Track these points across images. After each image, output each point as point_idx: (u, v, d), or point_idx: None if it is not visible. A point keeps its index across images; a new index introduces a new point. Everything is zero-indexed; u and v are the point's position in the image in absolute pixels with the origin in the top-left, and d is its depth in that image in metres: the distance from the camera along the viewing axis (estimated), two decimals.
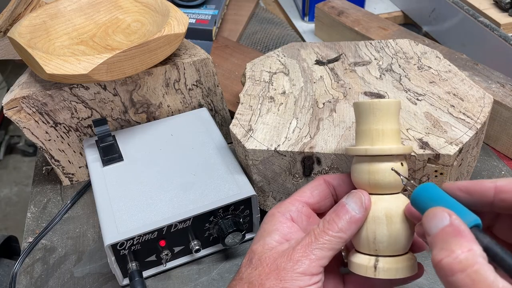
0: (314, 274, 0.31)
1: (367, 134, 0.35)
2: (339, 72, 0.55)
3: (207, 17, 0.81)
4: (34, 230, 0.55)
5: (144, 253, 0.46)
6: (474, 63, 0.63)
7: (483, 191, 0.29)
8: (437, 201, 0.29)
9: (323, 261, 0.32)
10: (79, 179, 0.60)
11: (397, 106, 0.35)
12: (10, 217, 1.70)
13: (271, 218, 0.36)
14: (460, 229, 0.26)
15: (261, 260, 0.33)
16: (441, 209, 0.27)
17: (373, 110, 0.35)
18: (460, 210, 0.28)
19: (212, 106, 0.61)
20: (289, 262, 0.32)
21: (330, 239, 0.32)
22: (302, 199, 0.37)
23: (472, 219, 0.27)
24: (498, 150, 0.60)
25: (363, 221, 0.33)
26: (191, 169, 0.50)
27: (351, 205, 0.33)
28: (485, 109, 0.46)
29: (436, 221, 0.27)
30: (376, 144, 0.34)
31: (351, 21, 0.77)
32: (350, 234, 0.33)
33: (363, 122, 0.36)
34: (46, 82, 0.52)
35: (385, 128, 0.35)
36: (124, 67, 0.49)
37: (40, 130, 0.53)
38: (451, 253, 0.25)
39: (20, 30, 0.52)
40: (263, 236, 0.35)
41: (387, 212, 0.33)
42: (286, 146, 0.44)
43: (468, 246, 0.25)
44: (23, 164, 1.92)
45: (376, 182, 0.34)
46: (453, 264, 0.24)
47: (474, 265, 0.24)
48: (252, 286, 0.32)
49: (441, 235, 0.26)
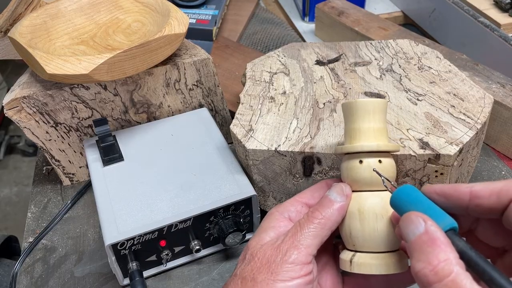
0: (304, 263, 0.32)
1: (347, 133, 0.37)
2: (339, 72, 0.55)
3: (207, 17, 0.81)
4: (35, 230, 0.55)
5: (145, 253, 0.46)
6: (474, 63, 0.63)
7: (459, 196, 0.29)
8: (415, 204, 0.29)
9: (310, 249, 0.32)
10: (79, 179, 0.60)
11: (375, 105, 0.36)
12: (10, 217, 1.70)
13: (269, 216, 0.36)
14: (435, 237, 0.26)
15: (253, 255, 0.33)
16: (416, 215, 0.28)
17: (350, 109, 0.36)
18: (437, 213, 0.28)
19: (213, 106, 0.61)
20: (279, 254, 0.32)
21: (315, 226, 0.33)
22: (302, 200, 0.37)
23: (448, 222, 0.28)
24: (498, 150, 0.60)
25: (345, 209, 0.34)
26: (191, 169, 0.50)
27: (333, 195, 0.34)
28: (485, 109, 0.46)
29: (412, 228, 0.27)
30: (353, 142, 0.36)
31: (351, 21, 0.77)
32: (334, 220, 0.34)
33: (345, 122, 0.37)
34: (47, 82, 0.52)
35: (362, 127, 0.35)
36: (125, 67, 0.49)
37: (40, 130, 0.53)
38: (428, 265, 0.25)
39: (20, 30, 0.52)
40: (259, 232, 0.35)
41: (360, 208, 0.34)
42: (287, 146, 0.44)
43: (445, 256, 0.25)
44: (23, 164, 1.92)
45: (352, 179, 0.35)
46: (430, 276, 0.25)
47: (450, 274, 0.24)
48: (245, 281, 0.32)
49: (418, 243, 0.27)
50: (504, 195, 0.27)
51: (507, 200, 0.27)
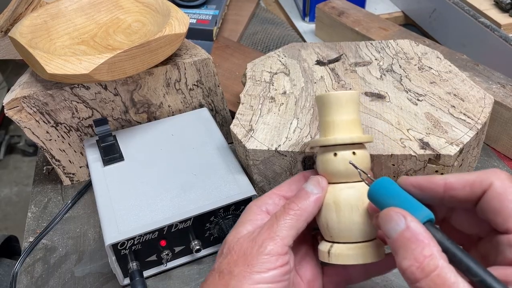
0: (280, 254, 0.32)
1: (321, 126, 0.37)
2: (339, 73, 0.55)
3: (207, 17, 0.81)
4: (35, 229, 0.55)
5: (145, 253, 0.46)
6: (474, 63, 0.63)
7: (434, 188, 0.30)
8: (393, 197, 0.30)
9: (286, 240, 0.33)
10: (79, 179, 0.60)
11: (348, 97, 0.36)
12: (10, 217, 1.71)
13: (247, 210, 0.37)
14: (417, 233, 0.27)
15: (230, 248, 0.34)
16: (395, 211, 0.28)
17: (324, 102, 0.36)
18: (414, 206, 0.29)
19: (213, 106, 0.61)
20: (255, 246, 0.32)
21: (291, 218, 0.33)
22: (280, 193, 0.38)
23: (425, 214, 0.28)
24: (499, 150, 0.60)
25: (321, 201, 0.35)
26: (191, 169, 0.50)
27: (310, 187, 0.35)
28: (486, 110, 0.46)
29: (393, 224, 0.28)
30: (327, 135, 0.36)
31: (352, 22, 0.77)
32: (310, 212, 0.34)
33: (319, 115, 0.38)
34: (47, 82, 0.52)
35: (335, 119, 0.36)
36: (125, 67, 0.49)
37: (41, 130, 0.53)
38: (415, 262, 0.26)
39: (21, 30, 0.52)
40: (237, 226, 0.36)
41: (335, 199, 0.34)
42: (287, 146, 0.44)
43: (429, 251, 0.26)
44: (23, 164, 1.92)
45: (327, 171, 0.35)
46: (417, 272, 0.26)
47: (436, 269, 0.25)
48: (222, 275, 0.32)
49: (401, 241, 0.27)
50: (477, 186, 0.28)
51: (480, 191, 0.28)
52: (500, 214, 0.27)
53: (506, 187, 0.27)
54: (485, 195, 0.28)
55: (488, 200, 0.27)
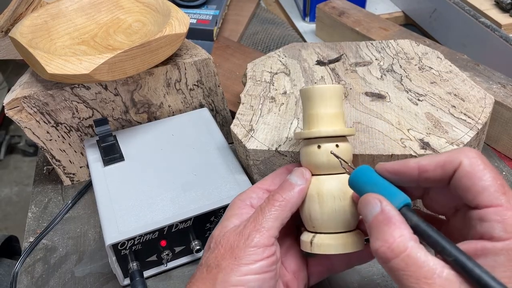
0: (266, 245, 0.33)
1: (305, 118, 0.38)
2: (340, 73, 0.55)
3: (208, 17, 0.81)
4: (35, 230, 0.55)
5: (145, 253, 0.46)
6: (475, 63, 0.63)
7: (408, 172, 0.30)
8: (371, 184, 0.31)
9: (272, 231, 0.34)
10: (80, 179, 0.60)
11: (332, 91, 0.37)
12: (11, 217, 1.71)
13: (232, 205, 0.37)
14: (390, 216, 0.28)
15: (217, 243, 0.34)
16: (372, 196, 0.30)
17: (308, 96, 0.37)
18: (391, 191, 0.30)
19: (213, 106, 0.61)
20: (242, 239, 0.33)
21: (276, 209, 0.34)
22: (263, 186, 0.38)
23: (402, 199, 0.29)
24: (499, 150, 0.60)
25: (305, 192, 0.35)
26: (192, 169, 0.50)
27: (294, 179, 0.36)
28: (486, 110, 0.46)
29: (370, 208, 0.29)
30: (310, 128, 0.37)
31: (352, 22, 0.77)
32: (294, 202, 0.35)
33: (303, 108, 0.38)
34: (47, 82, 0.52)
35: (319, 112, 0.36)
36: (125, 67, 0.49)
37: (41, 130, 0.53)
38: (385, 243, 0.27)
39: (21, 30, 0.52)
40: (222, 221, 0.36)
41: (319, 191, 0.35)
42: (287, 146, 0.44)
43: (399, 233, 0.27)
44: (23, 164, 1.92)
45: (311, 163, 0.36)
46: (387, 252, 0.27)
47: (406, 250, 0.26)
48: (210, 269, 0.33)
49: (375, 223, 0.29)
50: (448, 166, 0.29)
51: (451, 170, 0.29)
52: (470, 191, 0.28)
53: (474, 165, 0.28)
54: (456, 174, 0.29)
55: (459, 178, 0.28)
